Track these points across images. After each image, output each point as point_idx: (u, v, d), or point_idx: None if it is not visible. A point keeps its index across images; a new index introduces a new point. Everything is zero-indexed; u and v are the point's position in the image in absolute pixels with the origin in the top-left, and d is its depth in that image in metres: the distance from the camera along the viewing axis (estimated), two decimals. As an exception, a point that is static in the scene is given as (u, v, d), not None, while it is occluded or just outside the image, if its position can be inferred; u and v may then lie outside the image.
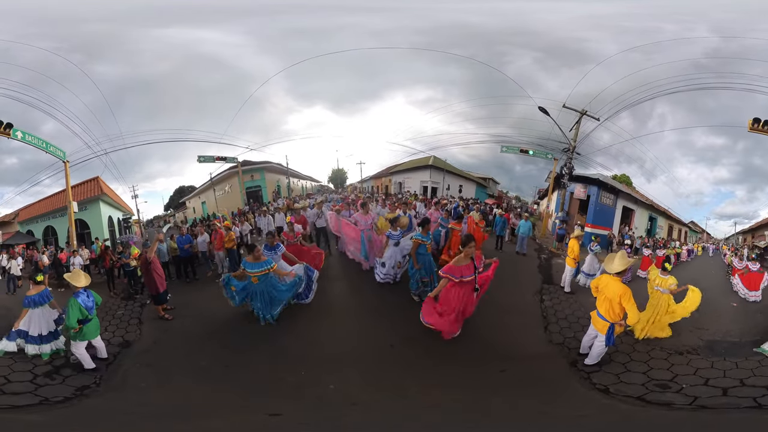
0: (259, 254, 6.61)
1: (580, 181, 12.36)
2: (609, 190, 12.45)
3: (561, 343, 6.27)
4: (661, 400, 4.69)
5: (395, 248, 7.87)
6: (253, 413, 4.71)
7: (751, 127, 9.65)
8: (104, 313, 7.71)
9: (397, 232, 7.87)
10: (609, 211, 12.44)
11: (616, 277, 4.87)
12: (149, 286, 7.39)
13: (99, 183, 12.12)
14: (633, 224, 12.83)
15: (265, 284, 6.59)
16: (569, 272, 8.13)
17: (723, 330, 6.47)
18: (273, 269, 6.61)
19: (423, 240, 7.05)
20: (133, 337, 6.84)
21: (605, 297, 4.89)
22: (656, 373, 5.25)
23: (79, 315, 5.38)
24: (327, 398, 4.92)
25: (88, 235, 12.03)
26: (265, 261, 6.62)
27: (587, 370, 5.32)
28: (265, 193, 15.36)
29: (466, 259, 5.59)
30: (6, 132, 9.25)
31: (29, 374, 5.48)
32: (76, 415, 4.71)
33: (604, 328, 4.98)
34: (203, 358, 5.94)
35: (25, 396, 4.96)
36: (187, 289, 9.07)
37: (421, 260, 7.02)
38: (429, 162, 14.84)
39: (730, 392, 4.76)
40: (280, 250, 7.37)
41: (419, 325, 5.88)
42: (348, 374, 5.35)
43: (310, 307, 7.26)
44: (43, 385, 5.24)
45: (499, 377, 5.32)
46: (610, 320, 4.87)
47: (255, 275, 6.52)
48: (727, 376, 5.08)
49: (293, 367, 5.52)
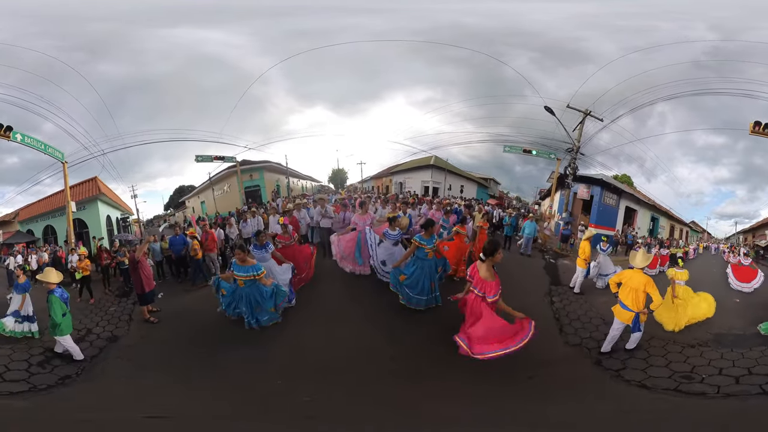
0: (244, 257, 6.34)
1: (584, 181, 12.33)
2: (612, 191, 12.43)
3: (579, 344, 6.31)
4: (693, 391, 4.98)
5: (394, 248, 7.56)
6: (206, 414, 4.73)
7: (753, 130, 9.64)
8: (98, 309, 8.03)
9: (395, 232, 7.59)
10: (612, 212, 12.41)
11: (639, 270, 5.48)
12: (135, 285, 7.40)
13: (97, 183, 12.15)
14: (635, 224, 12.81)
15: (251, 288, 6.40)
16: (580, 273, 8.14)
17: (728, 324, 6.71)
18: (260, 277, 6.35)
19: (422, 243, 6.45)
20: (121, 333, 7.03)
21: (630, 288, 5.41)
22: (676, 365, 5.50)
23: (62, 309, 5.74)
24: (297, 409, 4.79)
25: (87, 234, 12.04)
26: (253, 266, 6.36)
27: (614, 367, 5.53)
28: (264, 193, 15.30)
29: (491, 271, 4.98)
30: (6, 135, 9.35)
31: (25, 363, 5.85)
32: (50, 401, 5.11)
33: (629, 318, 5.46)
34: (184, 358, 5.99)
35: (20, 383, 5.38)
36: (180, 288, 9.05)
37: (419, 266, 6.46)
38: (430, 162, 14.80)
39: (741, 380, 5.09)
40: (270, 249, 7.23)
41: (422, 334, 5.88)
42: (329, 386, 5.14)
43: (301, 314, 7.03)
44: (36, 374, 5.62)
45: (529, 384, 5.16)
46: (635, 310, 5.37)
47: (241, 279, 6.34)
48: (736, 366, 5.39)
49: (269, 375, 5.45)
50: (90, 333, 7.01)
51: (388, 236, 7.55)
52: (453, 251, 7.97)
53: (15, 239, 11.71)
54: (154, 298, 7.67)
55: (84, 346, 6.31)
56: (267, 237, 7.40)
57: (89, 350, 6.38)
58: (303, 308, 7.14)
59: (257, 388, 5.24)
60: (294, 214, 9.86)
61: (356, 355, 5.88)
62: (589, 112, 11.56)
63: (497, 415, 4.64)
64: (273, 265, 7.11)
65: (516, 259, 10.35)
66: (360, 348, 6.06)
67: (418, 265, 6.51)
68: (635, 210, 12.91)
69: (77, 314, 7.53)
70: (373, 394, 5.07)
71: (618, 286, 5.73)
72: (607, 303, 7.49)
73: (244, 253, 6.34)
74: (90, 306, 8.19)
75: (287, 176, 15.67)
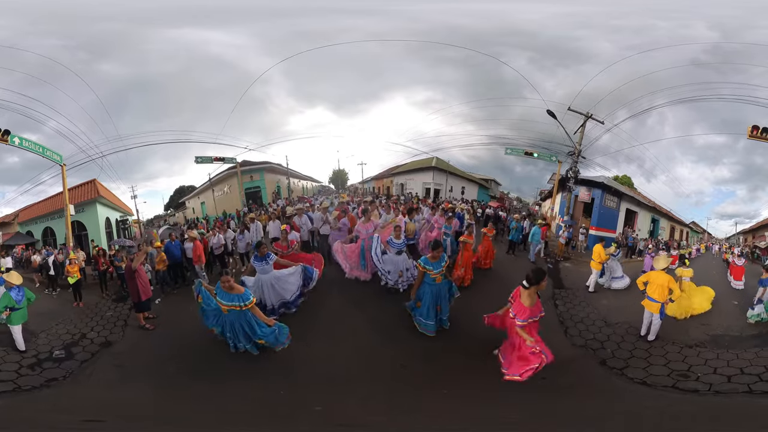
0: (231, 283, 5.60)
1: (585, 184, 12.31)
2: (613, 193, 12.42)
3: (583, 345, 6.56)
4: (688, 388, 5.37)
5: (398, 257, 7.43)
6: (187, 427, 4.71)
7: (751, 134, 9.66)
8: (93, 313, 8.05)
9: (399, 241, 7.42)
10: (613, 214, 12.40)
11: (662, 271, 6.47)
12: (132, 294, 7.30)
13: (96, 185, 12.13)
14: (636, 226, 12.79)
15: (238, 318, 5.70)
16: (595, 275, 8.68)
17: (725, 325, 7.03)
18: (248, 307, 5.59)
19: (428, 268, 6.04)
20: (115, 338, 7.02)
21: (657, 285, 6.39)
22: (675, 365, 5.88)
23: (7, 303, 6.34)
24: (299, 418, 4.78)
25: (86, 236, 12.03)
26: (240, 295, 5.58)
27: (618, 366, 5.94)
28: (264, 194, 15.25)
29: (532, 297, 4.98)
30: (4, 138, 9.36)
31: (16, 365, 6.04)
32: (27, 402, 5.31)
33: (657, 308, 6.38)
34: (175, 365, 5.94)
35: (6, 383, 5.58)
36: (177, 294, 8.93)
37: (427, 291, 6.13)
38: (432, 163, 14.76)
39: (732, 379, 5.49)
40: (272, 260, 6.95)
41: (429, 340, 5.91)
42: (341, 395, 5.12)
43: (302, 321, 6.90)
44: (24, 375, 5.82)
45: (541, 385, 5.15)
46: (661, 301, 6.36)
47: (225, 307, 5.67)
48: (730, 366, 5.77)
49: (267, 384, 5.40)
50: (84, 338, 7.02)
51: (393, 245, 7.44)
52: (462, 261, 8.16)
53: (15, 240, 11.68)
54: (150, 305, 7.55)
55: (76, 351, 6.53)
56: (266, 248, 7.10)
57: (81, 354, 6.44)
58: (305, 315, 7.10)
59: (258, 397, 5.21)
60: (294, 220, 9.77)
61: (365, 363, 5.89)
62: (590, 115, 11.51)
63: (519, 415, 4.84)
64: (278, 274, 6.95)
65: (518, 263, 10.29)
66: (368, 356, 6.06)
67: (426, 290, 6.20)
68: (636, 212, 12.90)
69: (73, 319, 7.68)
70: (390, 402, 5.13)
71: (644, 285, 6.64)
72: (609, 306, 7.88)
73: (231, 279, 5.62)
74: (85, 310, 8.17)
75: (288, 177, 15.62)
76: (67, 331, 7.22)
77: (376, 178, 16.82)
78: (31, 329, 6.92)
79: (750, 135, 9.72)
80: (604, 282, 8.75)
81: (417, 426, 4.74)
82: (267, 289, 6.91)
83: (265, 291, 6.91)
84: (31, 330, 6.91)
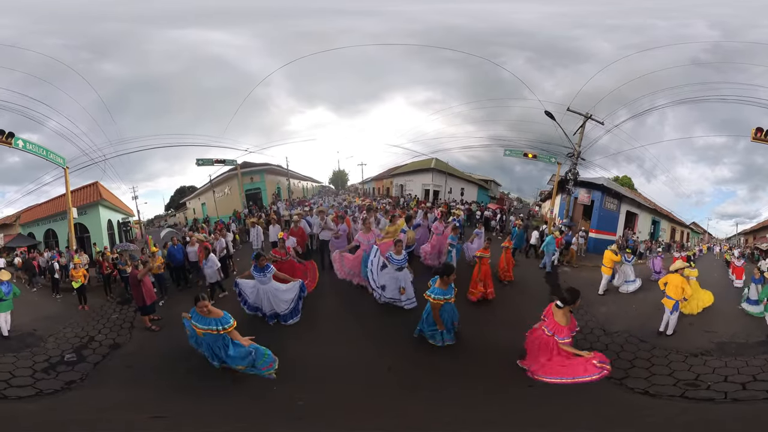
0: (207, 308, 5.35)
1: (584, 186, 12.24)
2: (613, 195, 12.35)
3: None
4: (700, 397, 5.24)
5: (398, 273, 7.12)
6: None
7: (755, 136, 9.57)
8: (99, 316, 8.18)
9: (400, 257, 7.08)
10: (613, 216, 12.34)
11: (677, 273, 7.19)
12: (136, 299, 7.42)
13: (98, 188, 12.16)
14: (636, 228, 12.75)
15: (214, 341, 5.49)
16: (605, 279, 8.91)
17: (731, 332, 6.89)
18: (227, 331, 5.37)
19: (439, 299, 5.82)
20: (123, 340, 7.16)
21: (673, 285, 7.03)
22: (680, 374, 5.75)
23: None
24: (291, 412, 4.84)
25: (88, 239, 12.05)
26: (218, 319, 5.36)
27: (617, 376, 5.73)
28: (264, 196, 15.29)
29: (567, 316, 5.16)
30: (7, 141, 9.45)
31: (30, 370, 6.14)
32: (59, 404, 5.45)
33: (671, 304, 6.94)
34: (184, 365, 6.00)
35: (26, 389, 5.67)
36: (182, 296, 8.94)
37: (445, 312, 5.99)
38: (431, 165, 14.73)
39: (748, 386, 5.34)
40: (270, 272, 6.84)
41: (417, 345, 5.92)
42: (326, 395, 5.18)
43: (299, 325, 7.00)
44: (40, 379, 5.91)
45: (528, 392, 5.22)
46: (676, 298, 6.94)
47: (200, 330, 5.46)
48: (741, 373, 5.60)
49: (269, 384, 5.42)
50: (92, 340, 7.16)
51: (393, 261, 7.12)
52: (480, 275, 7.97)
53: (16, 242, 11.73)
54: (155, 308, 7.70)
55: (87, 353, 6.68)
56: (267, 259, 6.99)
57: (92, 357, 6.58)
58: (301, 320, 7.16)
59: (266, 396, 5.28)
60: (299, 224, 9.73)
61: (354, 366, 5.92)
62: (589, 115, 11.47)
63: (502, 419, 4.79)
64: (276, 286, 6.95)
65: (532, 274, 9.96)
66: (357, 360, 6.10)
67: (445, 316, 6.09)
68: (636, 214, 12.84)
69: (80, 322, 7.81)
70: (373, 403, 5.16)
71: (664, 286, 7.27)
72: (607, 313, 7.84)
73: (208, 305, 5.40)
74: (91, 313, 8.27)
75: (288, 178, 15.65)
76: (75, 334, 7.34)
77: (376, 179, 16.85)
78: (39, 333, 7.13)
79: (754, 137, 9.61)
80: (619, 284, 8.89)
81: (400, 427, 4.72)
82: (263, 297, 6.98)
83: (262, 298, 6.99)
84: (40, 334, 7.11)
